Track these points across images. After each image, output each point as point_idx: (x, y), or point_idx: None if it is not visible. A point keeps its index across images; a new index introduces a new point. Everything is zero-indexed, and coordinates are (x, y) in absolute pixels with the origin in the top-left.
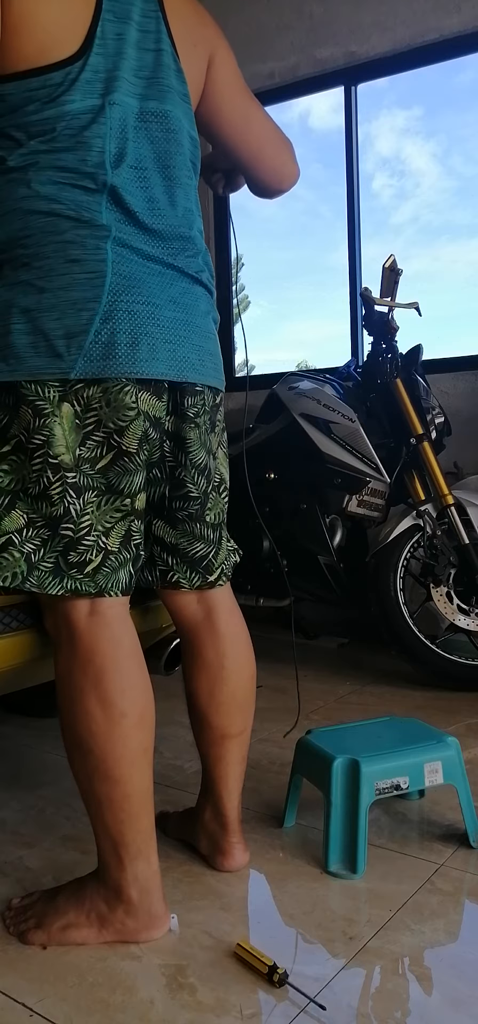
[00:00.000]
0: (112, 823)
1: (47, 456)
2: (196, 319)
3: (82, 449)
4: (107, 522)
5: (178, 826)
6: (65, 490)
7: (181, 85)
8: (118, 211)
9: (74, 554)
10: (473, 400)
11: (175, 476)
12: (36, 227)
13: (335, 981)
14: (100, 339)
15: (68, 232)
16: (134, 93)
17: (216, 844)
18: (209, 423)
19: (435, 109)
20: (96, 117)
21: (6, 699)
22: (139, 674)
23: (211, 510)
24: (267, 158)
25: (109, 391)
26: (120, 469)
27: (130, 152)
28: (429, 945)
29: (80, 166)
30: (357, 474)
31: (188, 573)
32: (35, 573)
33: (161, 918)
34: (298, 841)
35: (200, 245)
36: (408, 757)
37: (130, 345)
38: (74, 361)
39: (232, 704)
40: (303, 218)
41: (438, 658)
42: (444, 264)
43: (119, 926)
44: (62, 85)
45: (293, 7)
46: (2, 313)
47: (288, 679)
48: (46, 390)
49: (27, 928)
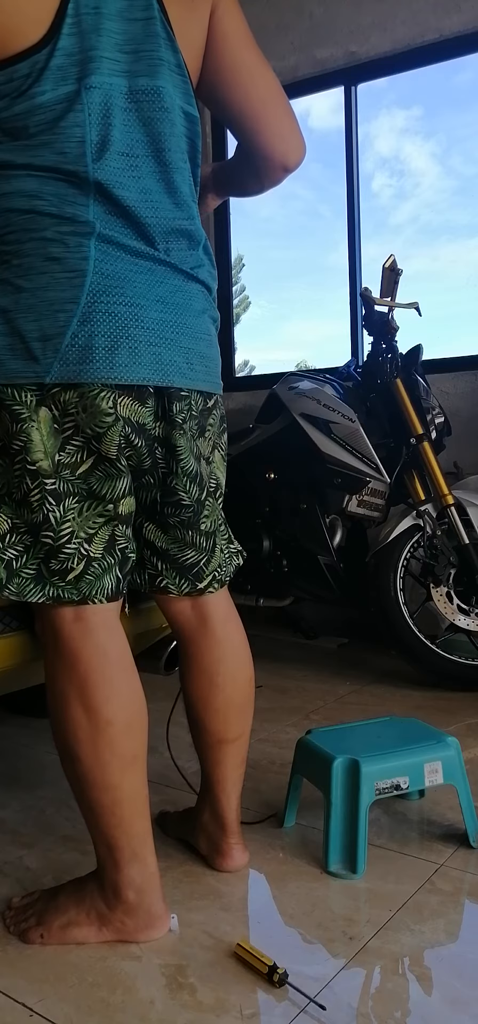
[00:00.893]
0: (104, 828)
1: (25, 462)
2: (187, 319)
3: (61, 455)
4: (90, 528)
5: (177, 826)
6: (43, 497)
7: (173, 55)
8: (106, 205)
9: (55, 562)
10: (473, 400)
11: (167, 483)
12: (16, 224)
13: (335, 981)
14: (77, 342)
15: (49, 229)
16: (120, 71)
17: (215, 845)
18: (197, 428)
19: (434, 109)
20: (72, 105)
21: (6, 699)
22: (126, 681)
23: (207, 518)
24: (273, 120)
25: (85, 396)
26: (102, 474)
27: (117, 138)
28: (429, 945)
29: (60, 162)
30: (357, 474)
31: (177, 579)
32: (15, 580)
33: (160, 918)
34: (298, 841)
35: (200, 235)
36: (408, 757)
37: (108, 349)
38: (50, 365)
39: (229, 710)
40: (303, 218)
41: (438, 658)
42: (444, 264)
43: (119, 925)
44: (30, 76)
45: (293, 7)
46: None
47: (288, 679)
48: (23, 394)
49: (27, 927)
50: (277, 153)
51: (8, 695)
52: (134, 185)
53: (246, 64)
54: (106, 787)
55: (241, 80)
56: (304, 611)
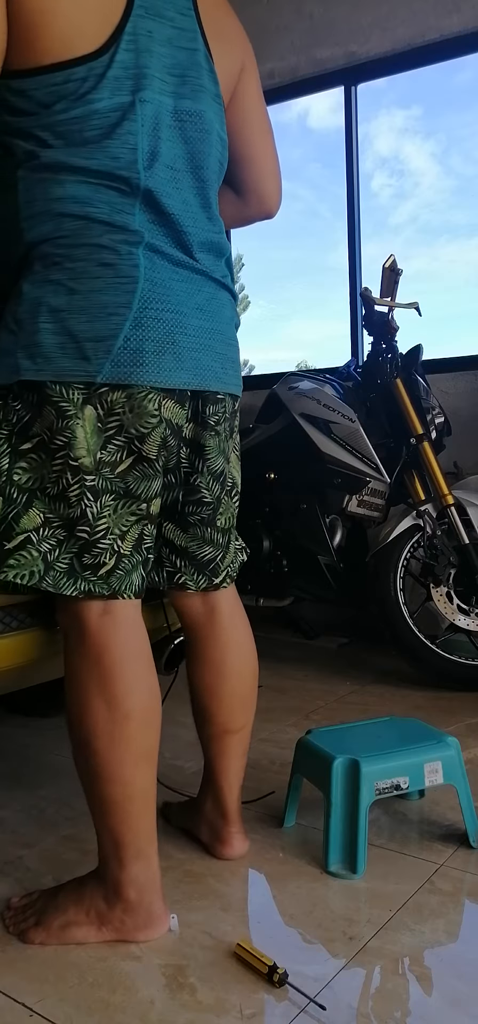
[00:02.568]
0: (113, 823)
1: (68, 458)
2: (221, 326)
3: (102, 453)
4: (123, 526)
5: (180, 815)
6: (83, 492)
7: (214, 86)
8: (151, 214)
9: (89, 556)
10: (473, 400)
11: (190, 482)
12: (69, 228)
13: (335, 981)
14: (129, 345)
15: (102, 236)
16: (167, 92)
17: (216, 833)
18: (228, 430)
19: (434, 109)
20: (126, 114)
21: (6, 699)
22: (147, 675)
23: (222, 515)
24: (270, 176)
25: (133, 397)
26: (139, 474)
27: (164, 151)
28: (429, 945)
29: (112, 167)
30: (357, 474)
31: (195, 576)
32: (51, 573)
33: (160, 918)
34: (298, 841)
35: (226, 248)
36: (408, 757)
37: (156, 353)
38: (101, 365)
39: (233, 700)
40: (303, 218)
41: (438, 658)
42: (443, 264)
43: (118, 924)
44: (87, 81)
45: (293, 7)
46: (31, 311)
47: (288, 679)
48: (70, 392)
49: (27, 927)
50: (264, 199)
51: (8, 695)
52: (177, 196)
53: (260, 125)
54: (119, 781)
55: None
56: (304, 611)
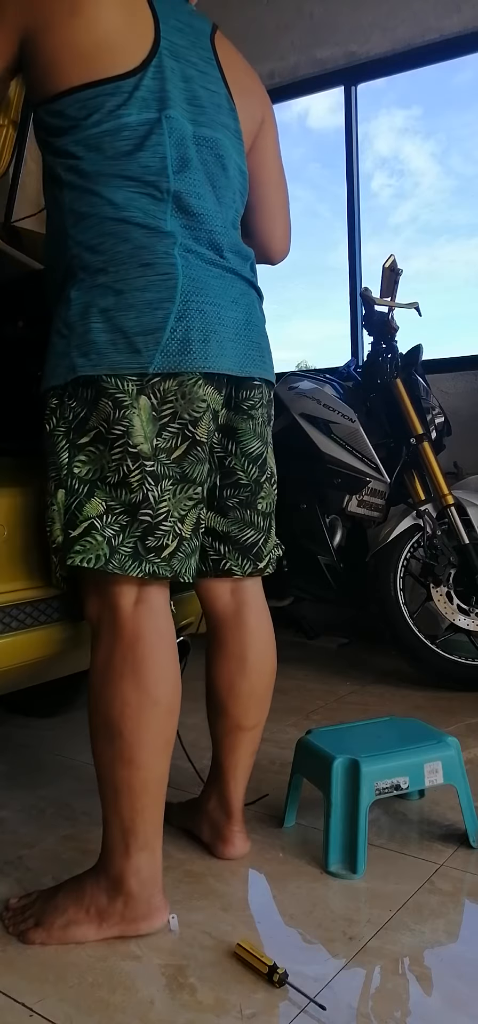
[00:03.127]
0: (126, 810)
1: (127, 445)
2: (254, 318)
3: (158, 440)
4: (182, 509)
5: (181, 814)
6: (144, 477)
7: (233, 123)
8: (183, 218)
9: (152, 539)
10: (473, 400)
11: (225, 465)
12: (109, 234)
13: (335, 981)
14: (176, 336)
15: (140, 239)
16: (187, 118)
17: (218, 832)
18: (266, 416)
19: (434, 108)
20: (154, 128)
21: (6, 699)
22: (174, 665)
23: (264, 499)
24: (278, 228)
25: (184, 384)
26: (193, 458)
27: (192, 160)
28: (429, 945)
29: (143, 174)
30: (357, 474)
31: (240, 560)
32: (116, 556)
33: (159, 910)
34: (298, 841)
35: (251, 254)
36: (408, 757)
37: (202, 341)
38: (152, 356)
39: (251, 697)
40: (302, 218)
41: (438, 658)
42: (443, 264)
43: (118, 918)
44: (114, 97)
45: (293, 7)
46: (82, 314)
47: (288, 679)
48: (125, 383)
49: (27, 927)
50: (272, 246)
51: (8, 695)
52: (208, 196)
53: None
54: (140, 766)
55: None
56: (304, 611)
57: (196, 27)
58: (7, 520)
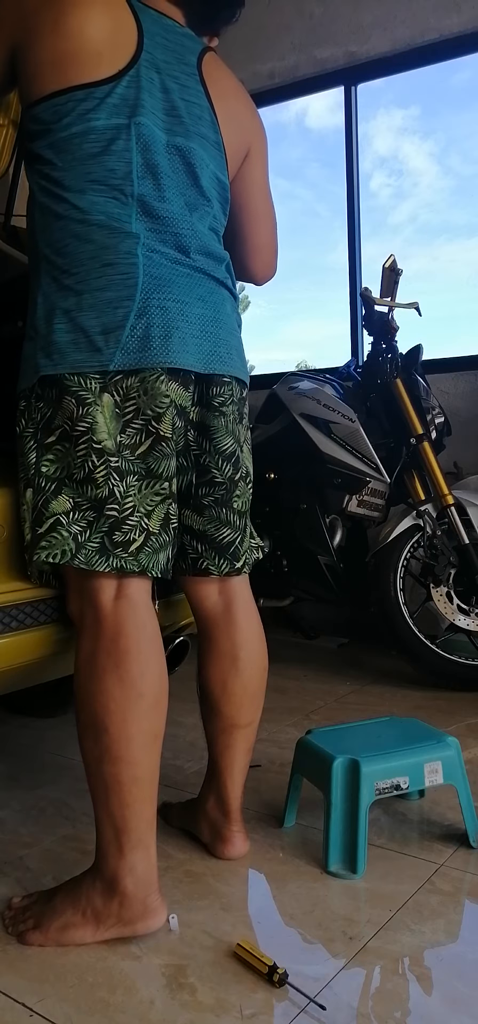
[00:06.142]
0: (117, 807)
1: (91, 441)
2: (222, 316)
3: (122, 436)
4: (148, 505)
5: (180, 815)
6: (109, 473)
7: (214, 135)
8: (148, 221)
9: (119, 533)
10: (473, 400)
11: (200, 463)
12: (73, 236)
13: (335, 981)
14: (135, 333)
15: (103, 240)
16: (160, 126)
17: (218, 832)
18: (237, 414)
19: (433, 108)
20: (121, 133)
21: (6, 699)
22: (158, 659)
23: (239, 497)
24: (262, 257)
25: (146, 380)
26: (158, 454)
27: (160, 166)
28: (429, 945)
29: (108, 177)
30: (357, 474)
31: (216, 559)
32: (83, 551)
33: (156, 911)
34: (298, 841)
35: (225, 257)
36: (408, 757)
37: (163, 337)
38: (112, 354)
39: (244, 695)
40: (302, 218)
41: (438, 658)
42: (443, 264)
43: (115, 920)
44: (85, 102)
45: (293, 7)
46: (47, 317)
47: (288, 679)
48: (88, 382)
49: (25, 929)
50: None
51: (7, 695)
52: (175, 200)
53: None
54: (128, 762)
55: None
56: (304, 611)
57: (184, 45)
58: (7, 520)
